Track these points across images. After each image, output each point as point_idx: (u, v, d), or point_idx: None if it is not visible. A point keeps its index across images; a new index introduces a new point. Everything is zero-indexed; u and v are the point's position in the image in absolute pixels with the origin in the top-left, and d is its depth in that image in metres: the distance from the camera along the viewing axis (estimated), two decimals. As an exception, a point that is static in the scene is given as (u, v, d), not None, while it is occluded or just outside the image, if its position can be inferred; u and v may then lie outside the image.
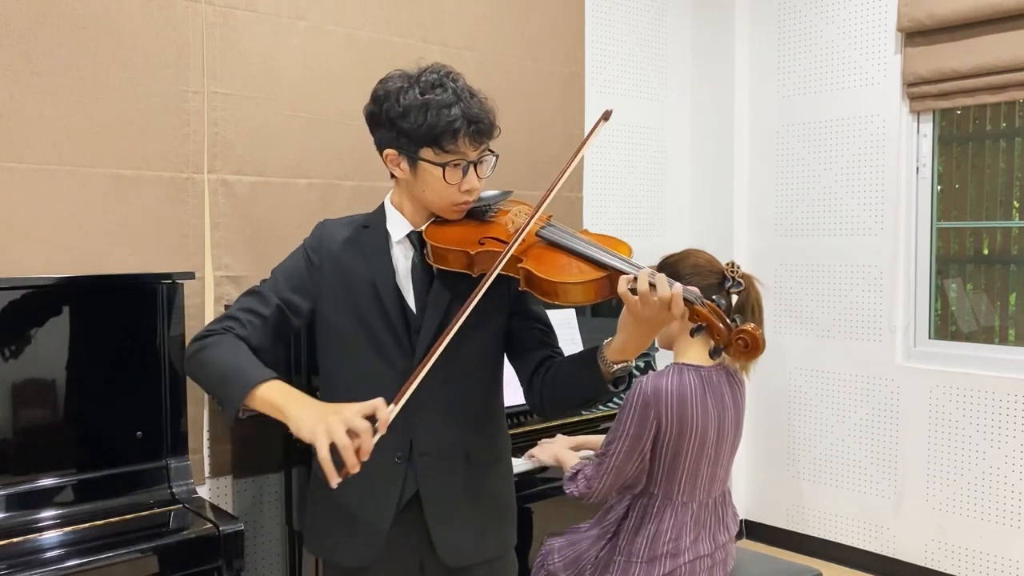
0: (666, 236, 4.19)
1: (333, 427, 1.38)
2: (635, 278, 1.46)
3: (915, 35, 3.57)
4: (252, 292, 1.73)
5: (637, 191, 4.08)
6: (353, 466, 1.38)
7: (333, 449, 1.37)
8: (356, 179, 2.95)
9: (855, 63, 3.81)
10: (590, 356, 1.59)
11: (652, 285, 1.44)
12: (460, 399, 1.71)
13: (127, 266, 2.50)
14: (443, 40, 3.21)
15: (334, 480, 1.37)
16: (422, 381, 1.59)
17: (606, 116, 1.71)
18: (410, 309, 1.69)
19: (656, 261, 2.33)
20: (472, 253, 1.63)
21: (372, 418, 1.41)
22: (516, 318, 1.75)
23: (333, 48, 2.92)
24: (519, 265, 1.58)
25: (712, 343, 1.48)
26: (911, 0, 3.54)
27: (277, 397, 1.51)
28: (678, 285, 1.46)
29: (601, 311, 3.22)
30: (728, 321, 1.46)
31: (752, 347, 1.43)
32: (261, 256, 2.75)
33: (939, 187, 3.72)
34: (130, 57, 2.50)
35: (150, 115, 2.54)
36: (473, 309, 1.60)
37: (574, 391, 1.64)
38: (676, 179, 4.26)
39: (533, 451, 2.59)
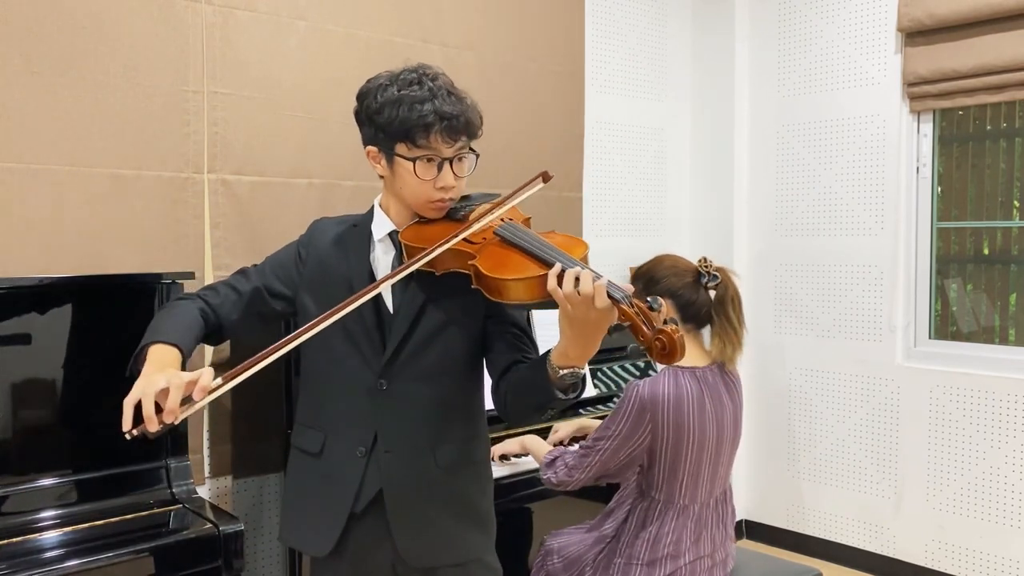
0: (666, 236, 4.19)
1: (153, 379, 1.40)
2: (561, 273, 1.40)
3: (915, 35, 3.57)
4: (241, 271, 1.82)
5: (637, 191, 4.08)
6: (149, 420, 1.37)
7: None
8: (356, 179, 2.95)
9: (855, 63, 3.81)
10: (540, 362, 1.55)
11: (577, 280, 1.38)
12: (431, 399, 1.71)
13: (127, 266, 2.50)
14: (443, 40, 3.21)
15: (125, 426, 1.39)
16: (396, 380, 1.65)
17: (545, 178, 1.67)
18: (386, 308, 1.71)
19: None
20: None
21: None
22: (491, 321, 1.74)
23: (333, 48, 2.92)
24: (470, 262, 1.58)
25: (636, 343, 1.42)
26: (911, 0, 3.54)
27: (150, 357, 1.54)
28: (604, 279, 1.38)
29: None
30: (653, 322, 1.36)
31: (670, 350, 1.34)
32: (261, 256, 2.69)
33: (939, 187, 3.72)
34: (130, 57, 2.50)
35: (150, 115, 2.54)
36: (446, 309, 1.65)
37: (526, 396, 1.62)
38: (676, 179, 4.26)
39: (496, 447, 2.52)
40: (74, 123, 2.42)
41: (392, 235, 1.73)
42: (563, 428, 2.67)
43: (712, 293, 2.21)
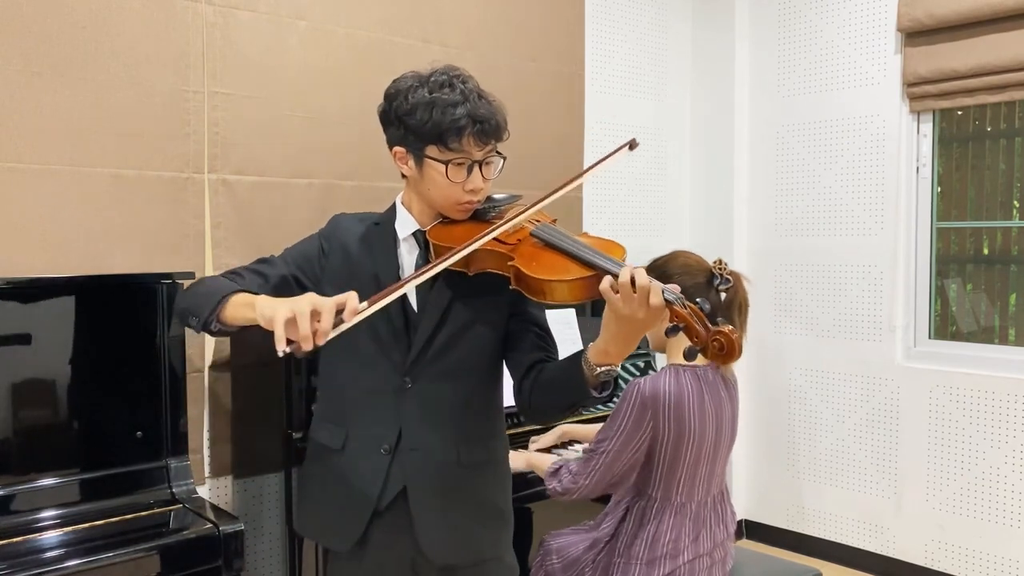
0: (666, 236, 4.19)
1: (298, 302, 1.37)
2: (617, 274, 1.44)
3: (915, 35, 3.57)
4: (263, 259, 1.79)
5: (637, 191, 4.08)
6: (305, 339, 1.34)
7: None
8: (357, 179, 2.95)
9: (855, 63, 3.81)
10: (575, 359, 1.57)
11: (633, 280, 1.42)
12: (455, 397, 1.72)
13: (127, 266, 2.50)
14: (443, 40, 3.21)
15: (280, 345, 1.35)
16: (421, 379, 1.62)
17: (632, 145, 1.70)
18: (411, 307, 1.71)
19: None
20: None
21: (342, 309, 1.38)
22: (514, 320, 1.76)
23: (333, 48, 2.92)
24: (510, 263, 1.59)
25: (688, 344, 1.44)
26: (911, 0, 3.54)
27: (252, 297, 1.52)
28: (659, 283, 1.43)
29: (601, 311, 3.22)
30: (707, 323, 1.42)
31: (728, 350, 1.38)
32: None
33: (939, 187, 3.72)
34: (130, 57, 2.50)
35: (150, 115, 2.54)
36: (472, 308, 1.64)
37: (557, 394, 1.62)
38: (676, 179, 4.26)
39: None
40: (74, 123, 2.42)
41: (416, 234, 1.73)
42: (544, 438, 2.65)
43: (723, 296, 2.21)
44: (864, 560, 3.83)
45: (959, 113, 3.67)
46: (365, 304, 1.41)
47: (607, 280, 1.44)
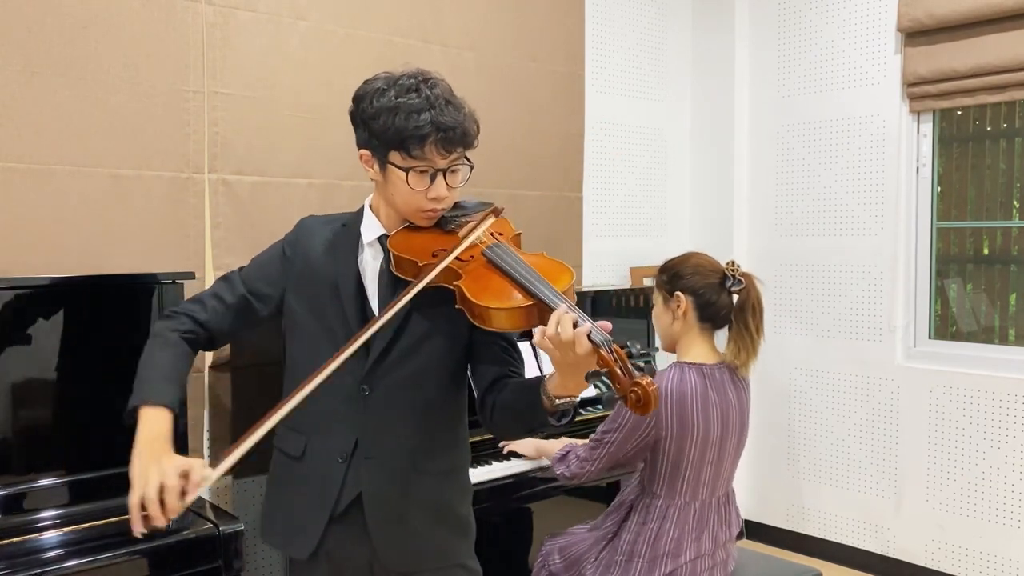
0: (666, 236, 4.19)
1: (150, 479, 1.48)
2: (554, 309, 1.42)
3: (915, 35, 3.57)
4: (225, 278, 1.78)
5: (637, 191, 4.08)
6: (156, 518, 1.44)
7: None
8: (356, 179, 2.95)
9: (855, 63, 3.81)
10: (535, 386, 1.55)
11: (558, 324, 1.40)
12: (413, 405, 1.69)
13: (127, 266, 2.50)
14: (443, 40, 3.21)
15: (136, 528, 1.45)
16: (379, 386, 1.64)
17: (496, 212, 1.70)
18: (372, 311, 1.69)
19: (657, 261, 2.34)
20: (420, 264, 1.61)
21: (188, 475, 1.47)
22: (478, 332, 1.69)
23: (334, 48, 2.92)
24: (455, 283, 1.57)
25: (612, 387, 1.42)
26: (911, 0, 3.54)
27: (140, 425, 1.61)
28: (587, 326, 1.39)
29: (602, 312, 3.22)
30: (630, 371, 1.39)
31: (644, 403, 1.36)
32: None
33: (939, 187, 3.72)
34: (130, 57, 2.50)
35: (150, 115, 2.54)
36: (432, 317, 1.64)
37: (517, 419, 1.62)
38: (676, 179, 4.26)
39: (511, 446, 2.53)
40: (74, 123, 2.42)
41: (381, 239, 1.71)
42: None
43: (735, 298, 2.22)
44: (864, 560, 3.83)
45: (959, 113, 3.67)
46: (209, 472, 1.50)
47: (537, 332, 1.43)
